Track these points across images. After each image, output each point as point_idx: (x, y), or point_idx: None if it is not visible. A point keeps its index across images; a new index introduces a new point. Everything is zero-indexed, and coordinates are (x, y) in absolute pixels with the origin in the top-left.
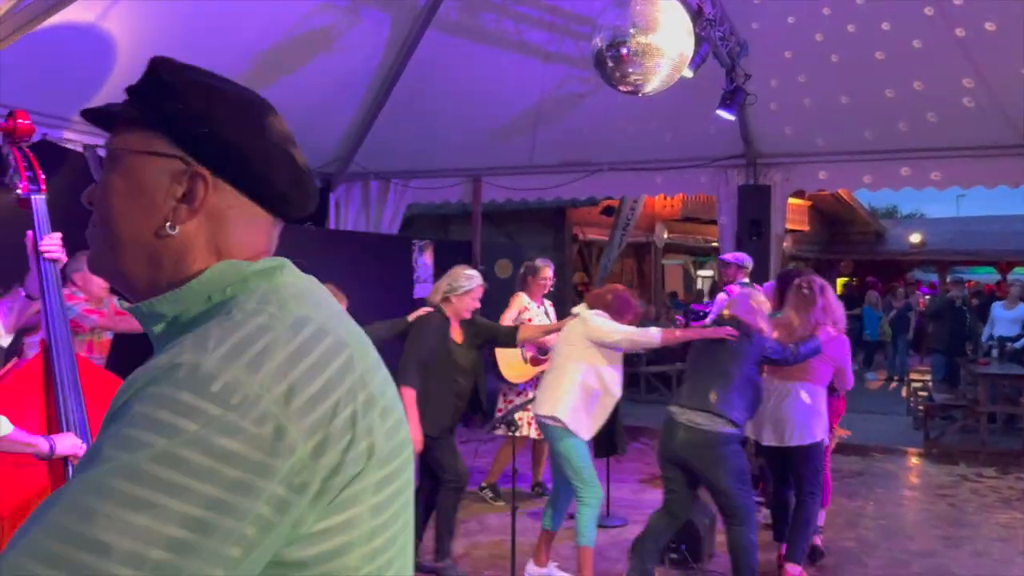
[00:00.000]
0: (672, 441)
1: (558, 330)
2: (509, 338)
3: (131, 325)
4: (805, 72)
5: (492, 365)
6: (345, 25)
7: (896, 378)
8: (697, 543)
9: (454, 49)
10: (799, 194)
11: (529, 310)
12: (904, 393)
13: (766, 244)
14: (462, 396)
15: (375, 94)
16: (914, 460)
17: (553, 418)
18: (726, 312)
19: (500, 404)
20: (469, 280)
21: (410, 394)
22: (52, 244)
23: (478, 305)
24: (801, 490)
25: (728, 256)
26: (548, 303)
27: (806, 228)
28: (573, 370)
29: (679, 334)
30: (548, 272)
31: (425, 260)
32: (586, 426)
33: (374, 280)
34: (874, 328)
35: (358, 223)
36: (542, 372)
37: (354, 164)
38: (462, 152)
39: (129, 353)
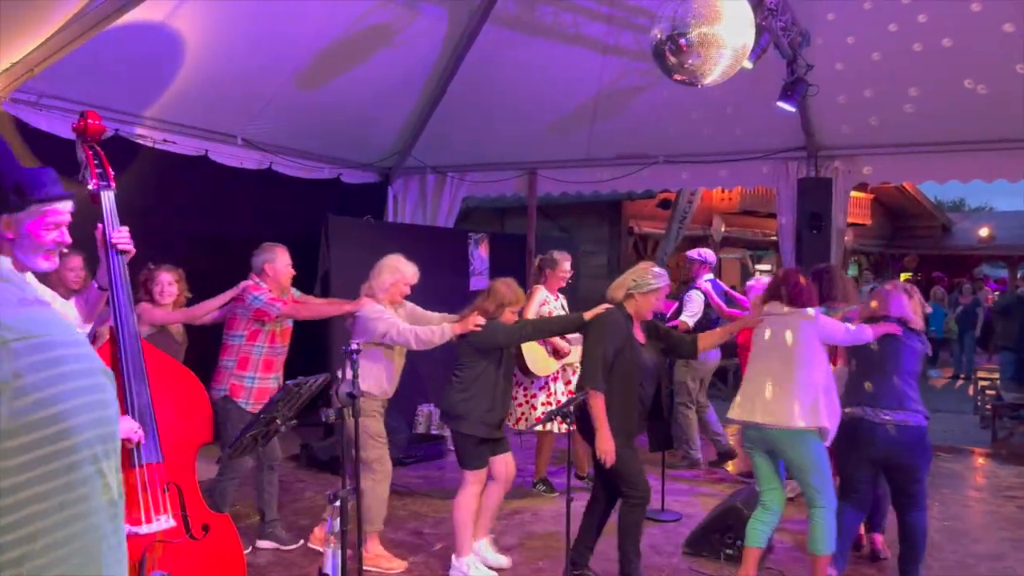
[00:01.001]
0: (876, 442)
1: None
2: (691, 348)
3: (311, 312)
4: (869, 61)
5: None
6: (404, 21)
7: (962, 376)
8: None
9: (511, 43)
10: (861, 187)
11: (549, 303)
12: (971, 391)
13: (826, 238)
14: (645, 402)
15: (433, 89)
16: (981, 460)
17: (804, 425)
18: (875, 305)
19: (520, 398)
20: (657, 278)
21: (599, 400)
22: (122, 236)
23: (662, 307)
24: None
25: (692, 252)
26: (563, 297)
27: (868, 222)
28: (811, 370)
29: (881, 328)
30: (567, 265)
31: (481, 253)
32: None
33: (430, 273)
34: (939, 325)
35: (415, 216)
36: (563, 365)
37: (411, 158)
38: (518, 145)
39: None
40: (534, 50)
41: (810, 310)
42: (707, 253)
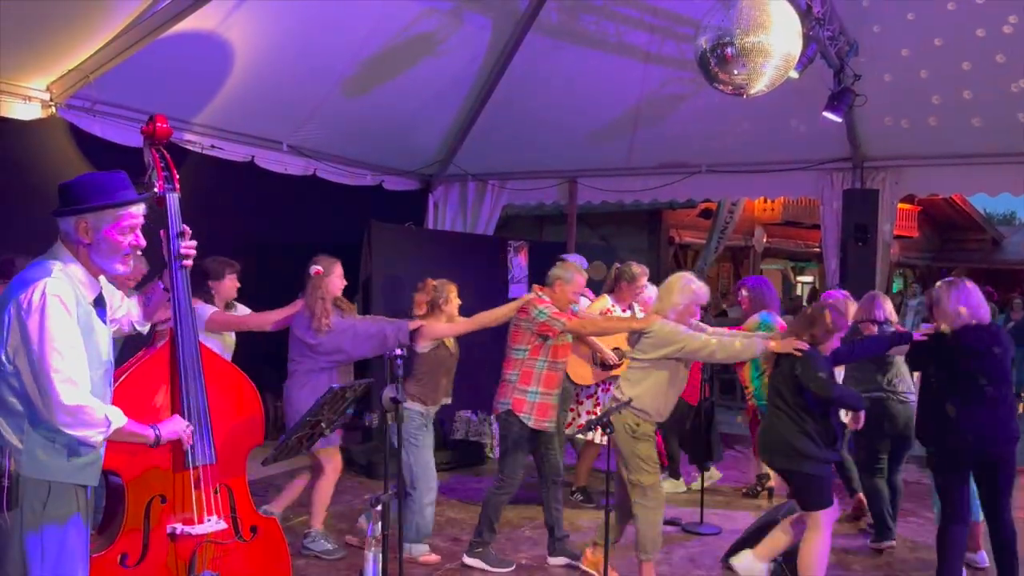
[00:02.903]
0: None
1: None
2: None
3: (598, 327)
4: (918, 72)
5: None
6: (449, 30)
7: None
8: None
9: (554, 51)
10: (908, 199)
11: (612, 313)
12: (1022, 409)
13: (872, 250)
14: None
15: (475, 97)
16: None
17: None
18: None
19: (571, 406)
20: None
21: None
22: (189, 247)
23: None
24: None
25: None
26: (638, 307)
27: (915, 234)
28: None
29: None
30: (644, 280)
31: (520, 261)
32: None
33: (470, 280)
34: None
35: (455, 223)
36: (610, 377)
37: (453, 166)
38: (559, 153)
39: None
40: (576, 59)
41: None
42: (581, 259)
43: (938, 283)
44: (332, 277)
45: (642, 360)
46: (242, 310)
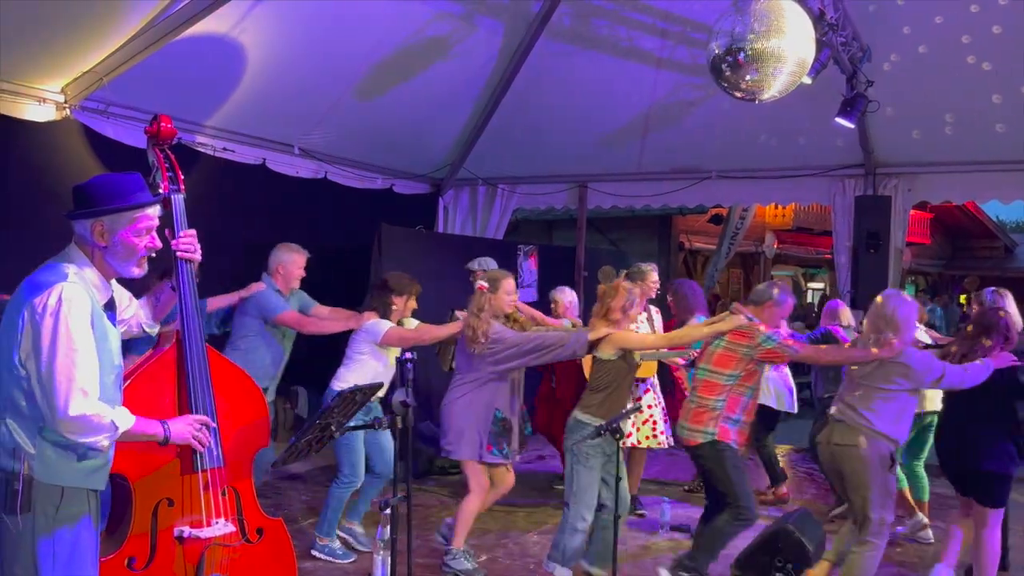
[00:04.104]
0: None
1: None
2: None
3: (833, 358)
4: (932, 78)
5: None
6: (461, 34)
7: None
8: (807, 562)
9: (565, 56)
10: (920, 205)
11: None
12: None
13: (884, 257)
14: None
15: (486, 101)
16: None
17: None
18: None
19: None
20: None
21: None
22: (186, 243)
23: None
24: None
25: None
26: (654, 309)
27: (927, 241)
28: None
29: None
30: (654, 276)
31: (530, 265)
32: None
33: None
34: None
35: (465, 227)
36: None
37: (463, 169)
38: (569, 158)
39: None
40: (588, 63)
41: None
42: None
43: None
44: (500, 295)
45: (886, 388)
46: (411, 323)
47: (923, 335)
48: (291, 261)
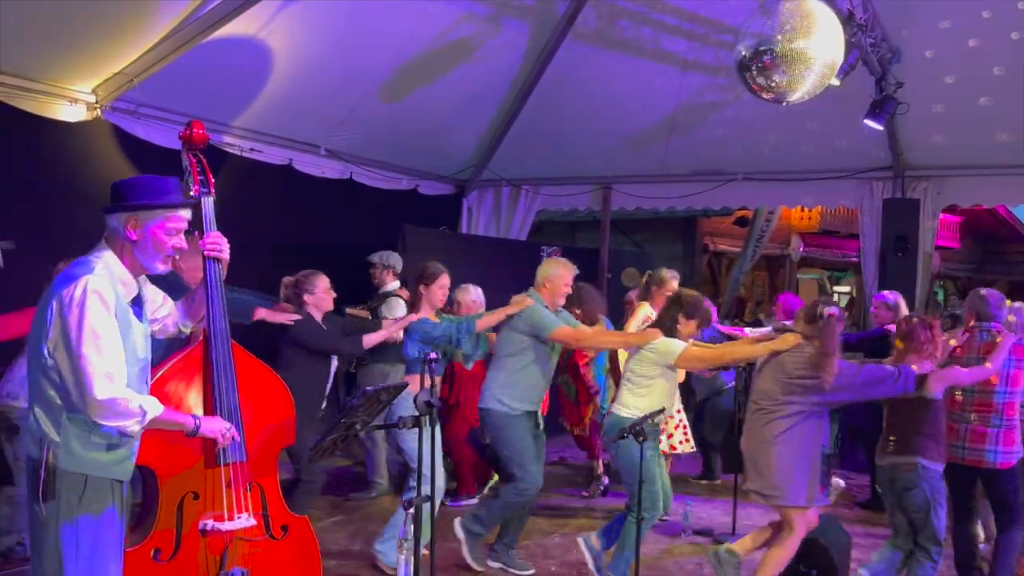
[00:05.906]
0: None
1: None
2: None
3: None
4: (962, 80)
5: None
6: (486, 36)
7: None
8: (832, 569)
9: (590, 58)
10: (950, 209)
11: (652, 320)
12: None
13: (912, 261)
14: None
15: (511, 102)
16: None
17: None
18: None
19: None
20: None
21: None
22: (214, 243)
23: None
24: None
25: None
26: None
27: (957, 245)
28: None
29: None
30: (674, 284)
31: None
32: None
33: (502, 284)
34: None
35: (488, 228)
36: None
37: (487, 171)
38: (593, 160)
39: None
40: (613, 64)
41: None
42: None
43: None
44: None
45: None
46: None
47: None
48: (559, 276)
